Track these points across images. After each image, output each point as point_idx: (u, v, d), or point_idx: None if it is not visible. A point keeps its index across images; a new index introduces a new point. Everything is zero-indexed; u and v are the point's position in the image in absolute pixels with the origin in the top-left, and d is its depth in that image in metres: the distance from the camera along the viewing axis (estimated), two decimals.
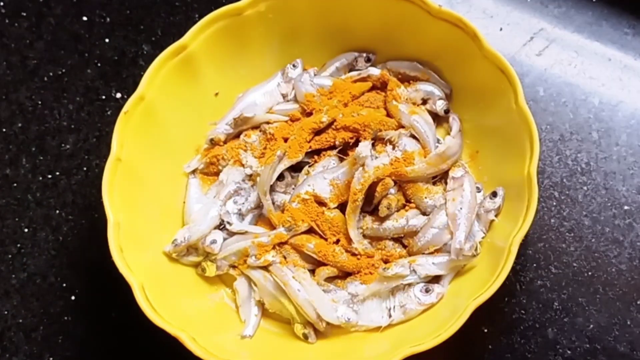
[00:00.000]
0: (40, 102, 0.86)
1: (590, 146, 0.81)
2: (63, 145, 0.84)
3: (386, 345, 0.71)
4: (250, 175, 0.78)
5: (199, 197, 0.78)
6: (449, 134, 0.78)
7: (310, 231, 0.75)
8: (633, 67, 0.83)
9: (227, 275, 0.77)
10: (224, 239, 0.76)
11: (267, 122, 0.79)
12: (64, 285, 0.80)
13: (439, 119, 0.80)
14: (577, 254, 0.78)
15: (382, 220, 0.75)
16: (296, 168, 0.77)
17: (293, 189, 0.77)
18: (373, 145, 0.76)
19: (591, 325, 0.76)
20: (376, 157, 0.75)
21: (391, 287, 0.74)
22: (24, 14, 0.89)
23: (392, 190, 0.75)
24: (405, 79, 0.80)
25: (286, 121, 0.79)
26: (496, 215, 0.74)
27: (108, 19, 0.88)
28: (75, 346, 0.79)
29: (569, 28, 0.85)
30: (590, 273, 0.77)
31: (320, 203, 0.75)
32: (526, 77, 0.83)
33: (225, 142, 0.80)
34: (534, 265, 0.78)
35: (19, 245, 0.82)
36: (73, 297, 0.80)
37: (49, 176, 0.84)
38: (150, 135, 0.75)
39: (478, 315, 0.66)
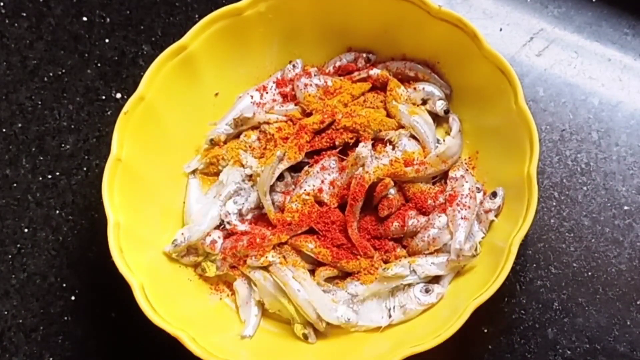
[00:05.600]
0: (40, 103, 0.86)
1: (590, 146, 0.81)
2: (63, 145, 0.84)
3: (386, 345, 0.71)
4: (250, 176, 0.78)
5: (199, 197, 0.78)
6: (449, 134, 0.78)
7: (310, 231, 0.75)
8: (633, 67, 0.83)
9: (227, 275, 0.77)
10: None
11: (267, 123, 0.79)
12: (64, 285, 0.80)
13: (439, 119, 0.80)
14: (577, 254, 0.78)
15: (382, 220, 0.75)
16: (296, 168, 0.77)
17: (293, 189, 0.77)
18: (373, 145, 0.76)
19: (591, 326, 0.76)
20: (376, 158, 0.75)
21: (391, 288, 0.74)
22: (24, 14, 0.89)
23: (392, 190, 0.75)
24: (405, 79, 0.80)
25: (286, 121, 0.79)
26: (496, 216, 0.74)
27: (108, 19, 0.88)
28: (75, 346, 0.79)
29: (569, 28, 0.85)
30: (590, 273, 0.77)
31: (320, 203, 0.75)
32: (526, 77, 0.83)
33: (225, 143, 0.80)
34: (534, 265, 0.78)
35: (19, 245, 0.82)
36: (73, 297, 0.80)
37: (49, 176, 0.84)
38: (150, 136, 0.75)
39: (478, 315, 0.66)
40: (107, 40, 0.87)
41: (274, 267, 0.74)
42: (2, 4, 0.89)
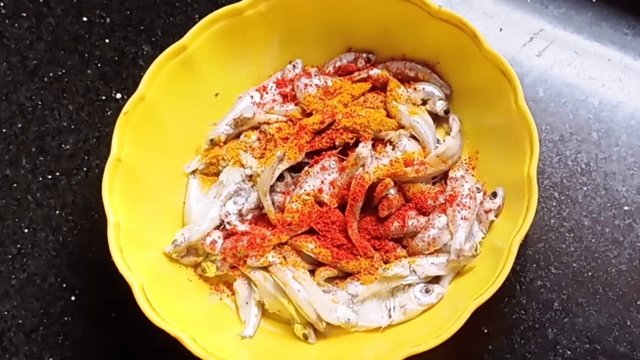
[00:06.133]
0: (40, 103, 0.86)
1: (590, 146, 0.81)
2: (63, 145, 0.84)
3: (386, 345, 0.71)
4: (250, 176, 0.78)
5: (199, 198, 0.79)
6: (449, 134, 0.78)
7: (310, 231, 0.75)
8: (633, 67, 0.83)
9: (227, 275, 0.77)
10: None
11: (267, 123, 0.79)
12: (64, 285, 0.80)
13: (439, 120, 0.80)
14: (577, 254, 0.78)
15: (382, 220, 0.75)
16: (296, 168, 0.77)
17: (293, 189, 0.77)
18: (373, 145, 0.76)
19: (591, 326, 0.76)
20: (376, 158, 0.75)
21: (391, 288, 0.74)
22: (24, 15, 0.89)
23: (392, 191, 0.75)
24: (405, 79, 0.80)
25: (286, 122, 0.79)
26: (496, 216, 0.74)
27: (108, 20, 0.88)
28: (75, 346, 0.79)
29: (569, 28, 0.85)
30: (590, 273, 0.77)
31: (320, 203, 0.75)
32: (526, 77, 0.83)
33: (225, 143, 0.80)
34: (534, 265, 0.78)
35: (19, 245, 0.82)
36: (73, 297, 0.80)
37: (49, 177, 0.84)
38: (150, 136, 0.75)
39: (478, 316, 0.66)
40: (107, 41, 0.87)
41: (274, 268, 0.74)
42: (2, 4, 0.89)
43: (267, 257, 0.74)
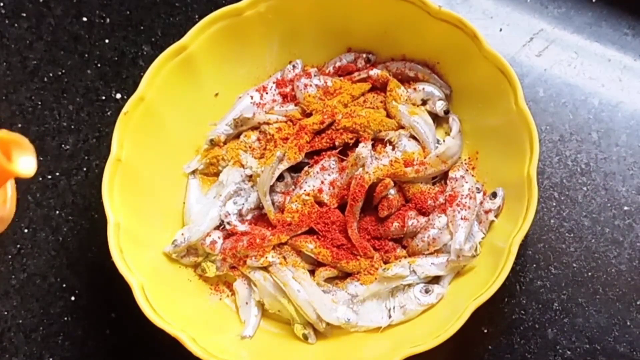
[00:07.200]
0: (40, 103, 0.86)
1: (590, 147, 0.81)
2: (63, 145, 0.84)
3: (386, 345, 0.71)
4: (250, 176, 0.78)
5: (198, 198, 0.79)
6: (448, 134, 0.78)
7: (310, 231, 0.75)
8: (633, 67, 0.83)
9: (227, 275, 0.77)
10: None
11: (267, 123, 0.79)
12: (64, 285, 0.80)
13: (438, 120, 0.80)
14: (576, 254, 0.78)
15: (382, 220, 0.75)
16: (296, 168, 0.77)
17: (293, 189, 0.77)
18: (373, 145, 0.76)
19: (591, 326, 0.76)
20: (376, 158, 0.75)
21: (391, 288, 0.74)
22: (24, 15, 0.88)
23: (392, 191, 0.75)
24: (405, 80, 0.80)
25: (286, 122, 0.79)
26: (496, 216, 0.74)
27: (108, 20, 0.88)
28: (75, 346, 0.79)
29: (569, 29, 0.85)
30: (590, 274, 0.77)
31: (320, 203, 0.75)
32: (526, 77, 0.83)
33: (225, 143, 0.80)
34: (534, 265, 0.78)
35: (18, 245, 0.82)
36: (73, 298, 0.80)
37: (49, 177, 0.83)
38: (150, 136, 0.75)
39: (478, 316, 0.66)
40: (107, 41, 0.87)
41: (274, 268, 0.74)
42: (2, 4, 0.89)
43: (267, 257, 0.74)
